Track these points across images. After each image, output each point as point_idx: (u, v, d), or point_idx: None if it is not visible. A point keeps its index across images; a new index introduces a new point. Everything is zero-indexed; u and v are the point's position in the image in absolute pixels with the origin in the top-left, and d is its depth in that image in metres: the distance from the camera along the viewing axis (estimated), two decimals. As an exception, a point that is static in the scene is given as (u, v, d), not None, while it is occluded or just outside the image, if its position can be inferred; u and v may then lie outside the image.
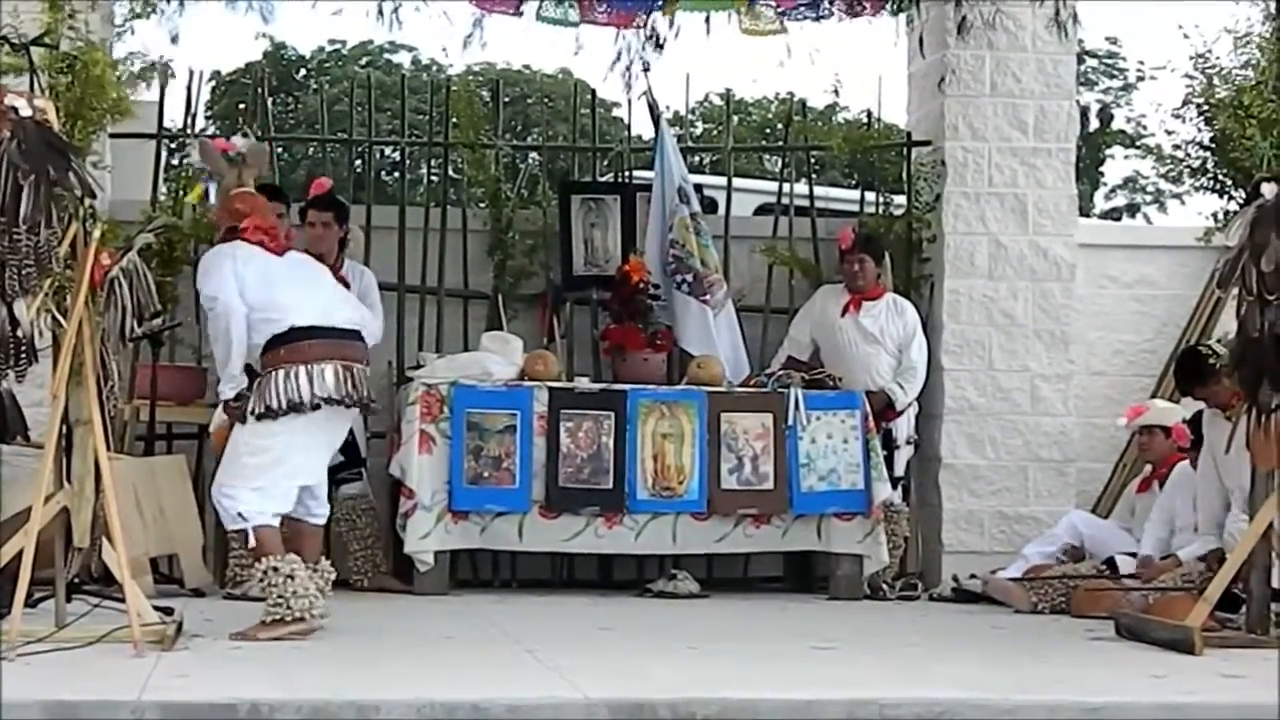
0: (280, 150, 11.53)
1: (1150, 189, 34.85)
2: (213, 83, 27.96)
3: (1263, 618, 7.54)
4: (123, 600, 6.62)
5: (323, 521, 7.66)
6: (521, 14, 9.66)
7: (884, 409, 9.94)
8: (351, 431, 9.44)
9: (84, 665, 6.05)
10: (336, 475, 9.60)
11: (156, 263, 9.62)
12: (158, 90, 10.38)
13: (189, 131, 10.56)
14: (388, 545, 9.61)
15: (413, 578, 9.33)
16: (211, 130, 23.17)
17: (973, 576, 9.81)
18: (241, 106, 13.61)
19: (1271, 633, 7.55)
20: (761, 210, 11.67)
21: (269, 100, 11.10)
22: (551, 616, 8.37)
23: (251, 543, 7.18)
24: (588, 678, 6.01)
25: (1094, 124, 33.90)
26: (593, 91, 11.84)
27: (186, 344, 9.93)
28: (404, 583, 9.41)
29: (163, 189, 10.35)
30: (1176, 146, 11.20)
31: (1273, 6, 10.56)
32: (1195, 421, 9.06)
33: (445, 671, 6.29)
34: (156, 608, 6.87)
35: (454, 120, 10.74)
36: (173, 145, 10.67)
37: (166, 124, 10.50)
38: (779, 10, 9.85)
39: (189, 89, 10.39)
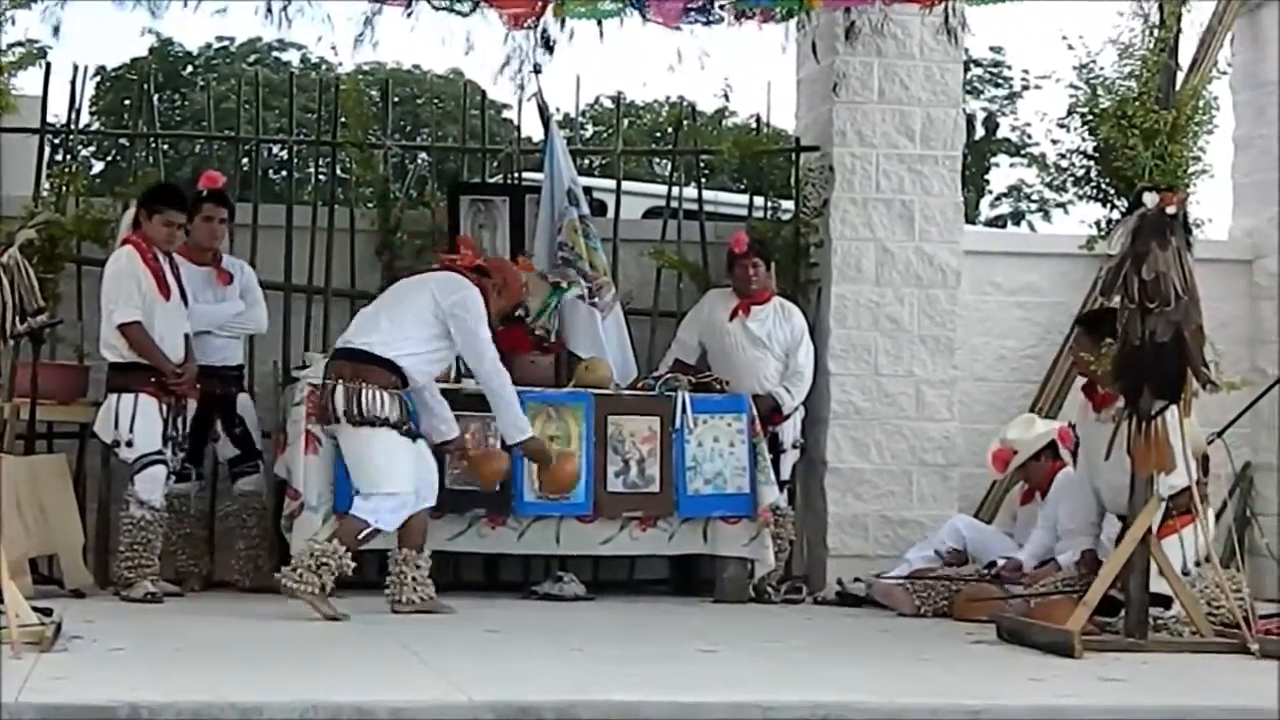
0: (166, 147, 11.39)
1: (1035, 197, 35.21)
2: (98, 78, 27.61)
3: (1141, 622, 7.65)
4: (0, 601, 6.53)
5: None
6: (412, 12, 9.61)
7: (770, 413, 9.99)
8: (244, 423, 9.42)
9: (-40, 667, 5.96)
10: (233, 468, 9.55)
11: (38, 259, 9.48)
12: (41, 85, 10.24)
13: (72, 127, 10.44)
14: (272, 545, 9.54)
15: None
16: (96, 125, 22.95)
17: (857, 580, 9.87)
18: (127, 102, 13.46)
19: (1150, 637, 7.66)
20: (650, 213, 11.70)
21: (155, 96, 10.99)
22: (437, 618, 8.34)
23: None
24: (472, 680, 6.00)
25: (980, 132, 34.21)
26: (483, 93, 11.81)
27: (68, 342, 9.81)
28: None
29: (45, 185, 10.22)
30: (1061, 155, 11.30)
31: (1155, 18, 10.71)
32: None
33: (329, 673, 6.25)
34: (35, 609, 6.77)
35: (342, 119, 10.67)
36: (55, 140, 10.52)
37: (50, 119, 10.36)
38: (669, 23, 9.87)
39: (73, 84, 10.26)
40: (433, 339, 8.44)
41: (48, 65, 10.23)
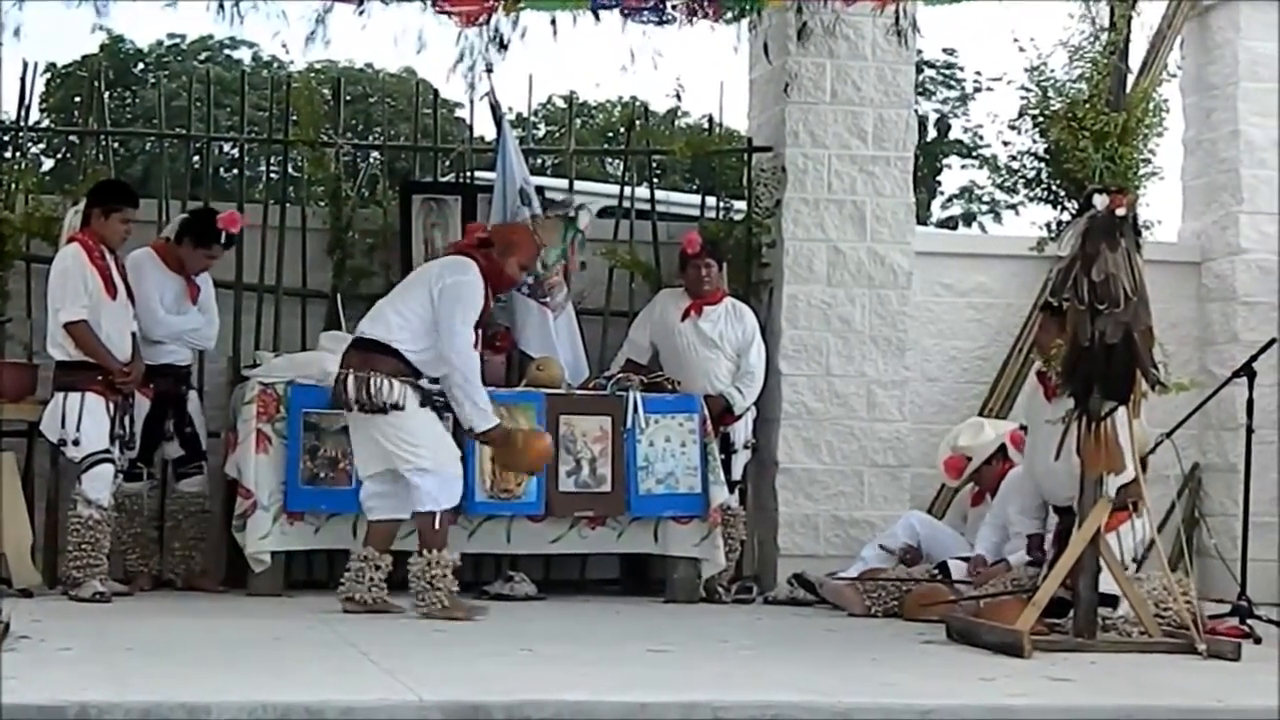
0: (116, 145, 11.31)
1: (986, 198, 35.38)
2: (48, 75, 27.45)
3: (1090, 622, 7.68)
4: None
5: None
6: (364, 10, 9.59)
7: (722, 413, 10.00)
8: (192, 424, 9.38)
9: (-94, 667, 5.93)
10: (177, 469, 9.51)
11: (-13, 257, 9.47)
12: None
13: (22, 123, 10.37)
14: (212, 546, 9.50)
15: (246, 578, 9.23)
16: (46, 123, 22.80)
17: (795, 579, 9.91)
18: (77, 99, 13.38)
19: (1098, 637, 7.70)
20: (603, 213, 11.68)
21: (105, 94, 10.93)
22: (387, 618, 8.32)
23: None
24: (422, 680, 5.99)
25: (931, 133, 34.34)
26: (435, 91, 11.79)
27: (17, 340, 9.75)
28: (238, 583, 9.32)
29: (-6, 182, 10.16)
30: (1012, 157, 11.40)
31: (1105, 21, 10.78)
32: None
33: (279, 673, 6.23)
34: (-18, 608, 6.75)
35: (294, 118, 10.64)
36: (5, 137, 10.45)
37: (-1, 116, 10.31)
38: (624, 13, 9.87)
39: (23, 81, 10.21)
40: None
41: (-12, 53, 10.17)
